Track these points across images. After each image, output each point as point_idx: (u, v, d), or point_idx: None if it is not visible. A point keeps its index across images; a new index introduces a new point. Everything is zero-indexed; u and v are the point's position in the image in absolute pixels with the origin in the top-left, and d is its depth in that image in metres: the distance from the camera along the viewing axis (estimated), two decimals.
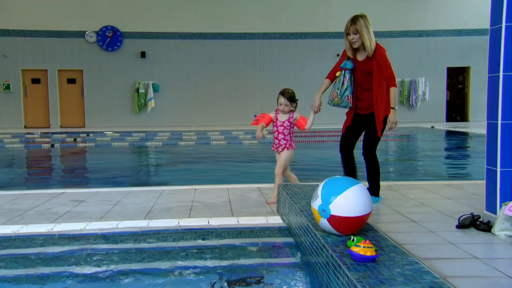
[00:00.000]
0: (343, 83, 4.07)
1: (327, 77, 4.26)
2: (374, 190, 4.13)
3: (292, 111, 4.52)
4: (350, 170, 4.23)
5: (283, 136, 4.51)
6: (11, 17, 18.03)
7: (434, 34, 19.47)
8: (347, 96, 4.08)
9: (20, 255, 3.10)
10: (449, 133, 15.33)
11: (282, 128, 4.50)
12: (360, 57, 4.08)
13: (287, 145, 4.52)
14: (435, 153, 10.98)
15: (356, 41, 3.98)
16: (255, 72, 19.42)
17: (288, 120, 4.50)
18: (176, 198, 4.77)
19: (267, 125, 4.65)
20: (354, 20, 3.99)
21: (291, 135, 4.56)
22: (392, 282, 1.92)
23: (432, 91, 19.58)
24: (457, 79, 20.36)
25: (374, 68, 3.97)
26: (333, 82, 4.20)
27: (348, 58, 4.15)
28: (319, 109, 4.22)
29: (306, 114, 4.53)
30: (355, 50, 4.09)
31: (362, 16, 4.00)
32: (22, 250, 3.20)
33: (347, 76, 4.07)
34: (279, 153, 4.55)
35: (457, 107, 20.46)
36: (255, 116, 4.69)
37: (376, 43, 4.00)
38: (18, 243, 3.34)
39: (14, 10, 18.05)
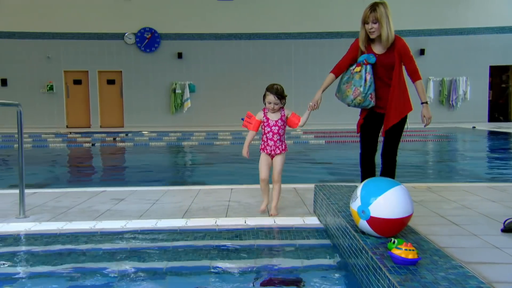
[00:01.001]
0: (365, 80, 3.67)
1: (332, 71, 3.87)
2: None
3: (282, 107, 4.04)
4: (368, 175, 3.92)
5: (278, 137, 4.02)
6: (55, 21, 18.68)
7: (475, 32, 18.88)
8: (371, 94, 3.71)
9: (64, 251, 3.20)
10: (491, 134, 14.83)
11: (277, 128, 4.01)
12: (378, 49, 3.73)
13: (284, 147, 4.08)
14: (476, 154, 10.64)
15: (374, 31, 3.63)
16: (290, 72, 19.38)
17: (281, 118, 4.02)
18: (212, 198, 4.82)
19: (257, 130, 4.09)
20: (374, 7, 3.62)
21: (285, 135, 4.13)
22: (436, 286, 1.87)
23: (473, 91, 19.00)
24: (500, 78, 19.68)
25: (397, 61, 3.66)
26: (346, 79, 3.79)
27: (362, 52, 3.79)
28: (318, 106, 3.86)
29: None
30: (369, 42, 3.74)
31: (383, 3, 3.65)
32: (66, 246, 3.31)
33: (370, 71, 3.68)
34: (272, 156, 4.06)
35: (500, 107, 19.78)
36: (243, 119, 4.10)
37: (396, 35, 3.69)
38: (62, 239, 3.45)
39: (57, 14, 18.68)
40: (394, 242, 2.25)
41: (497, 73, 19.45)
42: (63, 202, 4.69)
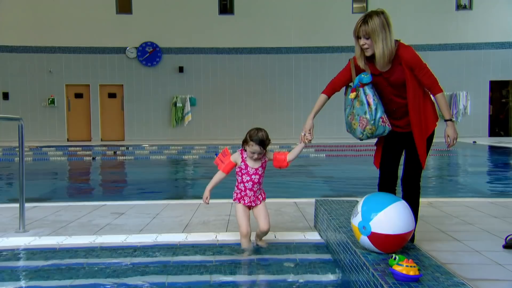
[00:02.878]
0: (368, 104, 3.09)
1: (324, 92, 3.38)
2: None
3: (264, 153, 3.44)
4: None
5: (258, 186, 3.48)
6: (57, 35, 18.83)
7: (475, 47, 19.01)
8: (381, 118, 3.08)
9: (64, 266, 3.18)
10: (492, 149, 14.83)
11: (258, 177, 3.44)
12: (380, 66, 3.12)
13: (264, 195, 3.57)
14: (477, 169, 10.63)
15: (368, 48, 3.06)
16: (291, 86, 19.47)
17: (262, 165, 3.45)
18: (213, 212, 4.80)
19: (227, 173, 3.51)
20: (366, 19, 3.03)
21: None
22: None
23: (473, 105, 19.06)
24: (500, 93, 19.75)
25: (407, 76, 3.06)
26: (349, 111, 3.24)
27: (358, 71, 3.23)
28: (312, 136, 3.36)
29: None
30: (369, 58, 3.16)
31: (378, 14, 3.02)
32: (66, 260, 3.29)
33: (370, 92, 3.10)
34: (251, 208, 3.50)
35: (500, 122, 19.81)
36: (216, 154, 3.59)
37: (399, 43, 3.08)
38: (62, 254, 3.43)
39: (59, 28, 18.84)
40: (395, 258, 2.24)
41: (497, 88, 19.53)
42: (63, 216, 4.68)
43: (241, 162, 3.44)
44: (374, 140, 3.42)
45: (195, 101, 19.20)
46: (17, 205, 4.27)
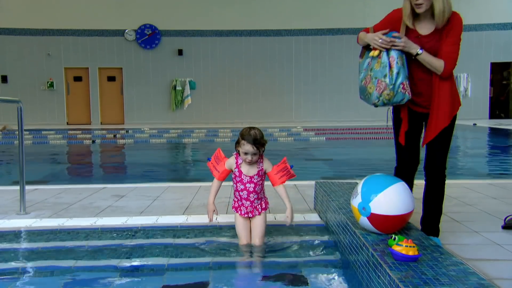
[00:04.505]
0: (390, 67, 2.76)
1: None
2: (432, 224, 2.93)
3: (261, 157, 3.12)
4: None
5: (256, 196, 3.11)
6: (55, 17, 18.65)
7: (476, 29, 18.84)
8: (402, 84, 2.77)
9: (65, 247, 3.20)
10: (492, 131, 14.82)
11: (253, 185, 3.09)
12: (423, 28, 2.82)
13: (264, 205, 3.19)
14: (477, 151, 10.64)
15: (422, 3, 2.71)
16: (291, 69, 19.36)
17: (258, 173, 3.10)
18: None
19: (223, 180, 3.22)
20: None
21: (264, 190, 3.21)
22: (436, 283, 1.87)
23: (474, 87, 18.98)
24: (501, 74, 19.65)
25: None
26: (363, 75, 2.92)
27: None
28: (291, 220, 3.07)
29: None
30: (415, 18, 2.82)
31: None
32: (67, 242, 3.31)
33: (394, 54, 2.78)
34: (249, 219, 3.18)
35: (500, 104, 19.76)
36: (209, 159, 3.26)
37: (452, 10, 2.77)
38: (63, 235, 3.46)
39: (58, 11, 18.65)
40: (394, 238, 2.25)
41: (498, 69, 19.42)
42: (64, 198, 4.70)
43: (235, 168, 3.11)
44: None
45: (194, 85, 19.12)
46: (17, 187, 4.28)
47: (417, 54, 2.77)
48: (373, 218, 2.53)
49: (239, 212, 3.15)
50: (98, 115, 19.25)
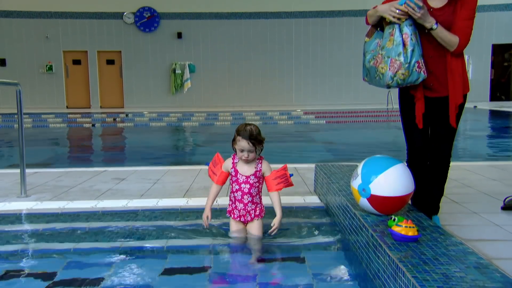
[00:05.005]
0: (404, 45, 2.58)
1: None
2: (433, 205, 2.93)
3: (259, 158, 2.95)
4: (422, 194, 2.92)
5: (251, 198, 2.92)
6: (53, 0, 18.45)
7: (478, 9, 18.46)
8: (417, 62, 2.60)
9: (66, 230, 3.22)
10: (493, 113, 14.80)
11: (248, 186, 2.91)
12: (435, 1, 2.69)
13: (259, 211, 2.97)
14: (477, 133, 10.63)
15: None
16: (291, 51, 19.23)
17: (255, 174, 2.91)
18: None
19: (223, 184, 3.04)
20: None
21: (260, 193, 3.00)
22: (435, 263, 1.88)
23: (475, 70, 18.87)
24: (502, 56, 19.52)
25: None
26: (372, 55, 2.77)
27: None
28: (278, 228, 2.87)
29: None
30: None
31: None
32: (68, 224, 3.33)
33: (408, 30, 2.59)
34: (244, 224, 2.98)
35: (501, 86, 19.67)
36: (207, 164, 3.13)
37: None
38: (64, 218, 3.47)
39: None
40: (394, 219, 2.25)
41: (499, 51, 19.28)
42: (64, 181, 4.71)
43: (231, 168, 2.95)
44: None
45: (194, 68, 19.01)
46: (17, 170, 4.28)
47: (432, 29, 2.60)
48: (373, 199, 2.53)
49: (232, 216, 2.97)
50: (97, 99, 19.20)
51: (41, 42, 18.63)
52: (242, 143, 2.80)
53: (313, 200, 3.83)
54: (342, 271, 2.53)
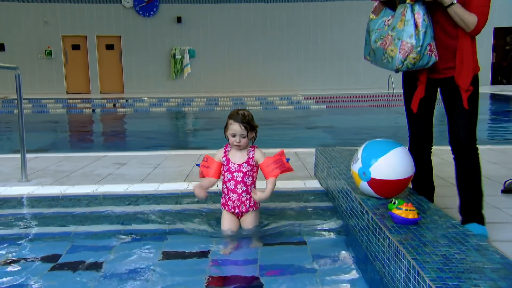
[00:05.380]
0: (416, 26, 2.41)
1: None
2: (473, 211, 2.57)
3: (252, 146, 2.85)
4: (423, 180, 2.82)
5: (245, 188, 2.80)
6: None
7: None
8: (429, 45, 2.43)
9: (67, 214, 3.23)
10: (493, 97, 14.75)
11: (241, 175, 2.79)
12: None
13: (255, 202, 2.83)
14: (478, 117, 10.60)
15: None
16: (291, 35, 19.10)
17: (247, 161, 2.80)
18: None
19: (218, 177, 2.88)
20: None
21: (255, 182, 2.88)
22: (435, 244, 1.89)
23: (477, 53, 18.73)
24: (504, 40, 19.38)
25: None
26: (378, 34, 2.56)
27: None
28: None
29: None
30: None
31: None
32: (69, 209, 3.34)
33: (420, 10, 2.42)
34: (238, 215, 2.86)
35: (503, 70, 19.57)
36: (198, 165, 2.97)
37: None
38: (65, 202, 3.48)
39: None
40: (394, 202, 2.26)
41: (501, 35, 19.13)
42: (65, 166, 4.71)
43: (223, 157, 2.84)
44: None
45: (194, 53, 18.90)
46: (18, 155, 4.28)
47: (452, 4, 2.38)
48: (373, 182, 2.53)
49: (227, 208, 2.84)
50: (97, 84, 19.13)
51: (40, 26, 18.50)
52: (234, 127, 2.70)
53: (314, 184, 3.83)
54: (342, 254, 2.55)
